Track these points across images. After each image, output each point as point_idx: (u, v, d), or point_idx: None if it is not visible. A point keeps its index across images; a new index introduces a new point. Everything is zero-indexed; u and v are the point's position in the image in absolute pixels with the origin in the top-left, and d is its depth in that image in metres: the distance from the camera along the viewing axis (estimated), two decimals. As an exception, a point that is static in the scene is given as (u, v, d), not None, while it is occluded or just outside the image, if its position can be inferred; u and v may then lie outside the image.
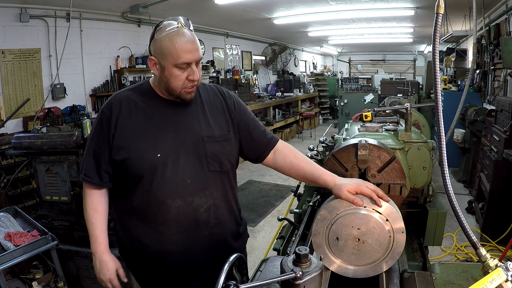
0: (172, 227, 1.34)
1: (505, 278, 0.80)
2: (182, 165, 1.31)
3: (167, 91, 1.32)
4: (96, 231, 1.41)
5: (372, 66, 15.70)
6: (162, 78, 1.29)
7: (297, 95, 10.50)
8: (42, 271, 2.53)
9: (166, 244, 1.35)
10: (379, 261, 1.01)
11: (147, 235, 1.36)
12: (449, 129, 2.47)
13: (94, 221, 1.41)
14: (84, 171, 1.38)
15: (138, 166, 1.29)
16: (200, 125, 1.36)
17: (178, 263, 1.38)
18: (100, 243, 1.41)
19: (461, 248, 3.52)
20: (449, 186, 0.93)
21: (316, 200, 1.67)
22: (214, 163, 1.36)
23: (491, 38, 5.17)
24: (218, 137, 1.38)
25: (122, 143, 1.30)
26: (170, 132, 1.33)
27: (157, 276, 1.42)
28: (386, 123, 1.84)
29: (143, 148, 1.29)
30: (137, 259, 1.44)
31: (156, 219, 1.33)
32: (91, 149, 1.36)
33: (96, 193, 1.41)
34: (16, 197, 3.88)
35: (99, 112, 1.38)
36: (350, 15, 6.97)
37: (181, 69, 1.25)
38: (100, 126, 1.34)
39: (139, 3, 5.06)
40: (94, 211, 1.41)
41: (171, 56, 1.23)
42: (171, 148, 1.31)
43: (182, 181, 1.31)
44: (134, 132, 1.31)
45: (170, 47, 1.22)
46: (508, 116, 3.41)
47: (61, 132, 3.10)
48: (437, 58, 0.95)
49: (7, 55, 4.19)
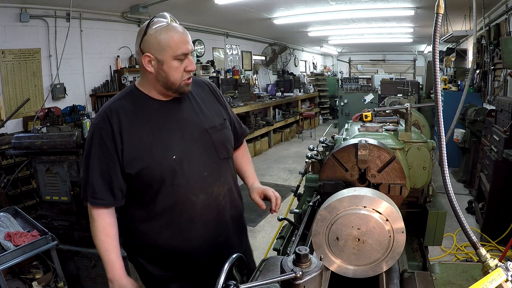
0: (198, 222, 1.38)
1: (505, 278, 0.80)
2: (197, 159, 1.35)
3: (166, 86, 1.31)
4: (112, 257, 1.34)
5: (372, 66, 15.70)
6: (161, 73, 1.28)
7: (297, 95, 10.49)
8: (42, 271, 2.53)
9: (194, 240, 1.39)
10: (379, 261, 1.01)
11: (173, 237, 1.37)
12: (449, 129, 2.47)
13: (108, 246, 1.33)
14: (92, 193, 1.31)
15: (157, 173, 1.29)
16: (200, 118, 1.40)
17: (206, 254, 1.42)
18: (117, 268, 1.35)
19: (461, 248, 3.52)
20: (449, 186, 0.93)
21: (316, 200, 1.67)
22: (223, 151, 1.44)
23: (491, 38, 5.17)
24: (219, 126, 1.44)
25: (133, 154, 1.28)
26: (176, 131, 1.34)
27: (185, 271, 1.44)
28: (386, 123, 1.84)
29: (157, 155, 1.29)
30: (162, 260, 1.43)
31: (182, 218, 1.36)
32: (97, 168, 1.29)
33: (105, 215, 1.34)
34: (16, 197, 3.88)
35: (94, 127, 1.31)
36: (350, 15, 6.98)
37: (179, 61, 1.27)
38: (102, 142, 1.28)
39: (139, 3, 5.06)
40: (107, 236, 1.33)
41: (170, 49, 1.25)
42: (182, 146, 1.33)
43: (200, 175, 1.36)
44: (142, 141, 1.29)
45: (168, 40, 1.24)
46: (508, 116, 3.41)
47: (61, 132, 3.10)
48: (437, 58, 0.95)
49: (7, 55, 4.19)
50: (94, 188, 1.30)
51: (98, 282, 2.81)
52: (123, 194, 1.34)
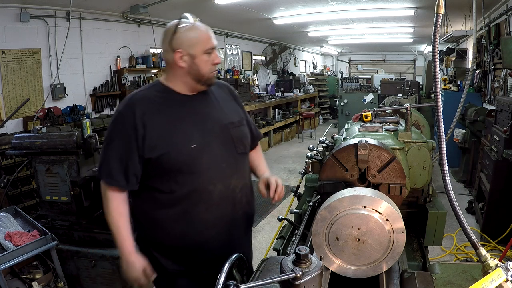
0: (214, 212, 1.43)
1: (505, 278, 0.80)
2: (216, 151, 1.42)
3: (197, 78, 1.41)
4: (123, 234, 1.41)
5: (372, 66, 15.70)
6: (193, 66, 1.38)
7: (297, 95, 10.49)
8: (42, 271, 2.53)
9: (209, 231, 1.44)
10: (379, 261, 1.01)
11: (189, 226, 1.42)
12: (449, 129, 2.47)
13: (120, 224, 1.41)
14: (108, 174, 1.37)
15: (176, 160, 1.35)
16: (220, 114, 1.49)
17: (218, 248, 1.46)
18: (127, 244, 1.41)
19: (461, 248, 3.52)
20: (449, 186, 0.93)
21: (316, 200, 1.67)
22: (240, 146, 1.51)
23: (491, 38, 5.17)
24: (237, 123, 1.52)
25: (155, 141, 1.35)
26: (197, 123, 1.42)
27: (197, 265, 1.47)
28: (386, 123, 1.84)
29: (177, 142, 1.36)
30: (176, 253, 1.47)
31: (199, 208, 1.41)
32: (115, 151, 1.37)
33: (119, 197, 1.41)
34: (16, 197, 3.87)
35: (117, 114, 1.41)
36: (350, 15, 6.97)
37: (208, 55, 1.39)
38: (123, 128, 1.36)
39: (139, 3, 5.06)
40: (120, 215, 1.41)
41: (201, 44, 1.37)
42: (203, 138, 1.40)
43: (219, 166, 1.42)
44: (164, 129, 1.37)
45: (198, 36, 1.37)
46: (508, 116, 3.41)
47: (61, 132, 3.10)
48: (437, 58, 0.95)
49: (7, 55, 4.19)
50: (110, 170, 1.37)
51: (98, 282, 2.81)
52: (137, 180, 1.39)
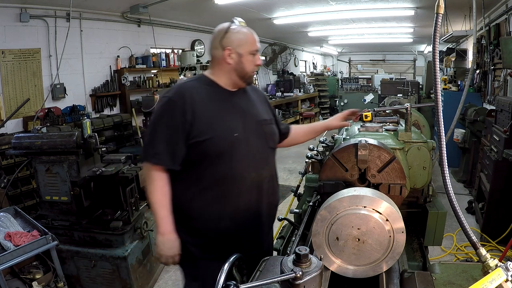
0: (245, 198, 1.55)
1: (505, 278, 0.80)
2: (252, 143, 1.57)
3: (240, 75, 1.57)
4: (164, 212, 1.51)
5: (372, 66, 15.70)
6: (239, 64, 1.55)
7: (297, 95, 10.49)
8: (42, 271, 2.53)
9: (239, 215, 1.56)
10: (379, 261, 1.01)
11: (222, 209, 1.53)
12: (449, 129, 2.48)
13: (163, 203, 1.51)
14: (155, 155, 1.48)
15: (219, 145, 1.49)
16: (255, 111, 1.65)
17: (246, 233, 1.59)
18: (168, 223, 1.52)
19: (461, 248, 3.52)
20: (449, 186, 0.93)
21: (316, 200, 1.67)
22: (271, 142, 1.68)
23: (491, 38, 5.17)
24: (269, 121, 1.69)
25: (202, 126, 1.48)
26: (238, 116, 1.57)
27: (223, 249, 1.56)
28: (386, 123, 1.84)
29: (223, 129, 1.50)
30: (204, 236, 1.57)
31: (233, 192, 1.53)
32: (163, 134, 1.48)
33: (164, 177, 1.51)
34: (16, 197, 3.88)
35: (167, 100, 1.52)
36: (350, 15, 6.98)
37: (253, 56, 1.57)
38: (173, 113, 1.48)
39: (139, 3, 5.06)
40: (163, 194, 1.51)
41: (248, 45, 1.55)
42: (243, 129, 1.55)
43: (254, 156, 1.56)
44: (211, 116, 1.51)
45: (246, 38, 1.56)
46: (508, 116, 3.40)
47: (61, 132, 3.10)
48: (437, 58, 0.95)
49: (7, 55, 4.19)
50: (157, 150, 1.48)
51: (98, 282, 2.81)
52: (181, 161, 1.51)
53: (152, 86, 5.89)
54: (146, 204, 3.23)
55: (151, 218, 3.26)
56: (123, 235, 2.74)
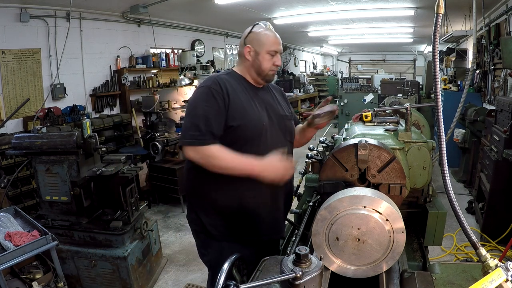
0: (266, 184, 1.59)
1: (505, 278, 0.80)
2: (275, 134, 1.71)
3: (257, 72, 1.71)
4: (244, 161, 1.54)
5: (372, 66, 15.70)
6: (256, 61, 1.70)
7: (297, 95, 10.49)
8: (42, 271, 2.53)
9: (258, 199, 1.66)
10: (379, 261, 1.01)
11: (246, 190, 1.63)
12: (449, 129, 2.47)
13: (235, 158, 1.54)
14: (200, 136, 1.54)
15: (250, 131, 1.62)
16: (278, 106, 1.80)
17: (264, 216, 1.70)
18: (249, 162, 1.54)
19: (461, 248, 3.52)
20: (449, 186, 0.93)
21: (316, 200, 1.67)
22: (289, 136, 1.83)
23: (491, 38, 5.17)
24: (289, 117, 1.85)
25: (235, 113, 1.60)
26: (264, 109, 1.70)
27: (248, 231, 1.70)
28: (386, 123, 1.84)
29: (253, 117, 1.63)
30: (234, 218, 1.68)
31: (255, 179, 1.57)
32: (203, 118, 1.56)
33: (215, 146, 1.55)
34: (16, 197, 3.87)
35: (205, 88, 1.61)
36: (350, 15, 6.97)
37: (271, 56, 1.70)
38: (213, 98, 1.58)
39: (139, 3, 5.06)
40: (227, 154, 1.54)
41: (265, 45, 1.69)
42: (268, 120, 1.69)
43: (276, 146, 1.65)
44: (242, 105, 1.63)
45: (266, 38, 1.70)
46: (508, 116, 3.41)
47: (61, 132, 3.10)
48: (437, 58, 0.95)
49: (7, 55, 4.19)
50: (202, 132, 1.55)
51: (98, 282, 2.81)
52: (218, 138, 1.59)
53: (152, 86, 5.89)
54: (146, 204, 3.23)
55: (151, 218, 3.26)
56: (123, 235, 2.74)
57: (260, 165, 1.55)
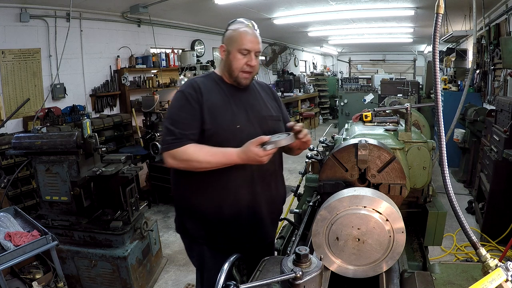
0: (246, 188, 1.61)
1: (505, 278, 0.80)
2: (255, 136, 1.54)
3: (228, 72, 1.65)
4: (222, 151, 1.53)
5: (372, 66, 15.69)
6: (227, 60, 1.64)
7: (297, 95, 10.49)
8: (42, 271, 2.53)
9: (240, 203, 1.62)
10: (379, 261, 1.01)
11: (227, 195, 1.60)
12: (449, 129, 2.48)
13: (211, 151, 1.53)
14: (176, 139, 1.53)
15: (221, 133, 1.57)
16: (262, 107, 1.72)
17: (245, 223, 1.64)
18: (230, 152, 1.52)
19: (461, 248, 3.52)
20: (449, 186, 0.93)
21: (316, 200, 1.67)
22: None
23: (491, 38, 5.17)
24: (275, 117, 1.75)
25: (209, 116, 1.58)
26: (242, 110, 1.65)
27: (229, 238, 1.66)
28: (386, 123, 1.84)
29: (224, 119, 1.59)
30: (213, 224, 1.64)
31: (236, 182, 1.60)
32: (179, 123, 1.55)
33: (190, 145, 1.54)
34: (16, 197, 3.87)
35: (180, 94, 1.62)
36: (350, 15, 6.97)
37: (242, 54, 1.60)
38: (187, 103, 1.58)
39: (139, 3, 5.06)
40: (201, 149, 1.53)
41: (236, 43, 1.60)
42: (246, 122, 1.62)
43: None
44: (216, 108, 1.60)
45: (236, 36, 1.61)
46: (508, 116, 3.40)
47: (61, 132, 3.10)
48: (437, 58, 0.95)
49: (7, 55, 4.19)
50: (177, 136, 1.54)
51: (98, 282, 2.81)
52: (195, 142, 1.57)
53: (152, 86, 5.89)
54: (146, 204, 3.23)
55: (151, 218, 3.26)
56: (123, 235, 2.74)
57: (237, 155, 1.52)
